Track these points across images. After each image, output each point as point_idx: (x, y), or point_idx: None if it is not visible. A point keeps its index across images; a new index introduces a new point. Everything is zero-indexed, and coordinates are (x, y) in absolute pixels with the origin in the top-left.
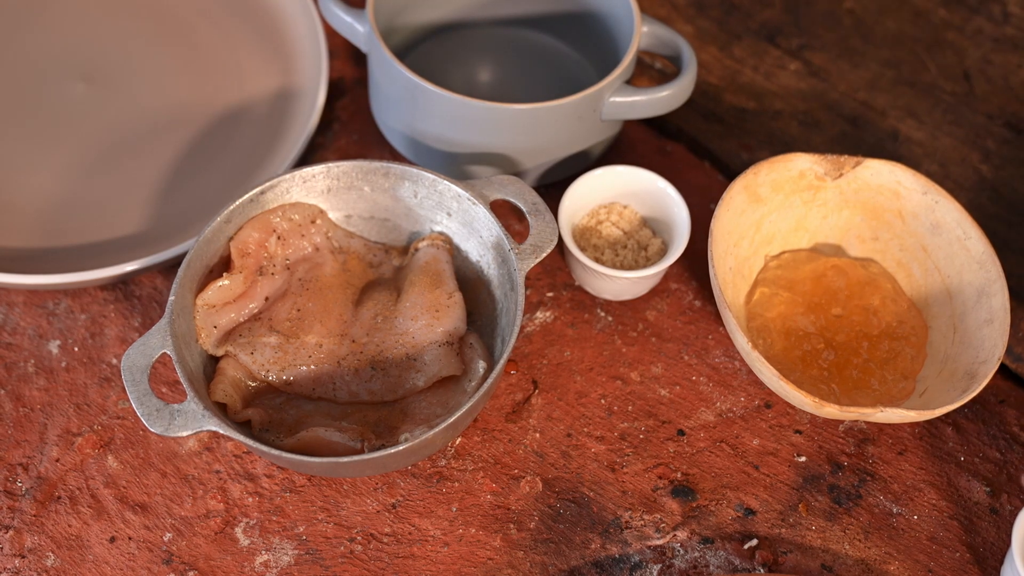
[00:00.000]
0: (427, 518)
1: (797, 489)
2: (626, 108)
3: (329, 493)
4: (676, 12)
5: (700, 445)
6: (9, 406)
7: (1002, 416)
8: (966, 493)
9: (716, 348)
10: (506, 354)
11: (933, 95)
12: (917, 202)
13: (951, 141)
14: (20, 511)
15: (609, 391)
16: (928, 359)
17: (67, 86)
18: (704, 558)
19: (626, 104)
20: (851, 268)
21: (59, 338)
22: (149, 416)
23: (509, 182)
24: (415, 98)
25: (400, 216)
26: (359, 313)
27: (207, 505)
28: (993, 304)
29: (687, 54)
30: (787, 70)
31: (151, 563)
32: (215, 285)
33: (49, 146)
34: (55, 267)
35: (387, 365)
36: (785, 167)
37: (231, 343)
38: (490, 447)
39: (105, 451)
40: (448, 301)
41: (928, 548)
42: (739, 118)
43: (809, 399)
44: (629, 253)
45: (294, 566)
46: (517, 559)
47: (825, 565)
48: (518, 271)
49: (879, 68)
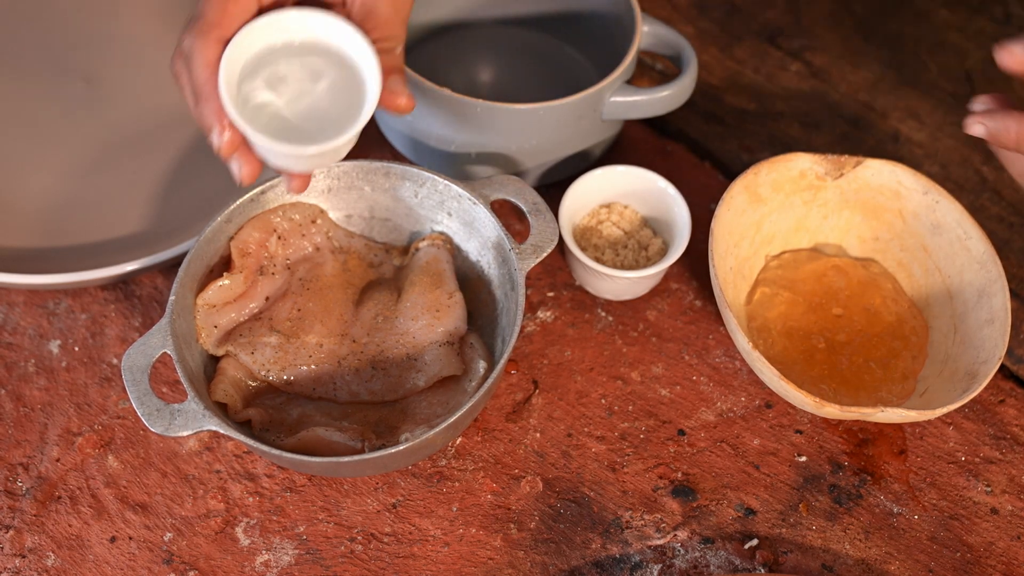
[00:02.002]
0: (427, 518)
1: (797, 489)
2: (627, 108)
3: (329, 493)
4: (677, 13)
5: (701, 445)
6: (9, 406)
7: (1002, 416)
8: (966, 493)
9: (717, 348)
10: (506, 354)
11: (934, 96)
12: (918, 202)
13: (952, 142)
14: (20, 511)
15: (610, 391)
16: (929, 359)
17: (67, 86)
18: (704, 558)
19: (627, 104)
20: (852, 268)
21: (59, 338)
22: (149, 416)
23: (509, 182)
24: (415, 98)
25: (401, 216)
26: (360, 313)
27: (207, 505)
28: (994, 304)
29: (688, 54)
30: (788, 71)
31: (151, 563)
32: (215, 285)
33: (49, 146)
34: (55, 267)
35: (387, 365)
36: (786, 167)
37: (231, 343)
38: (490, 447)
39: (105, 451)
40: (449, 301)
41: (928, 548)
42: (740, 119)
43: (809, 399)
44: (629, 253)
45: (294, 566)
46: (517, 559)
47: (825, 565)
48: (518, 271)
49: (880, 69)
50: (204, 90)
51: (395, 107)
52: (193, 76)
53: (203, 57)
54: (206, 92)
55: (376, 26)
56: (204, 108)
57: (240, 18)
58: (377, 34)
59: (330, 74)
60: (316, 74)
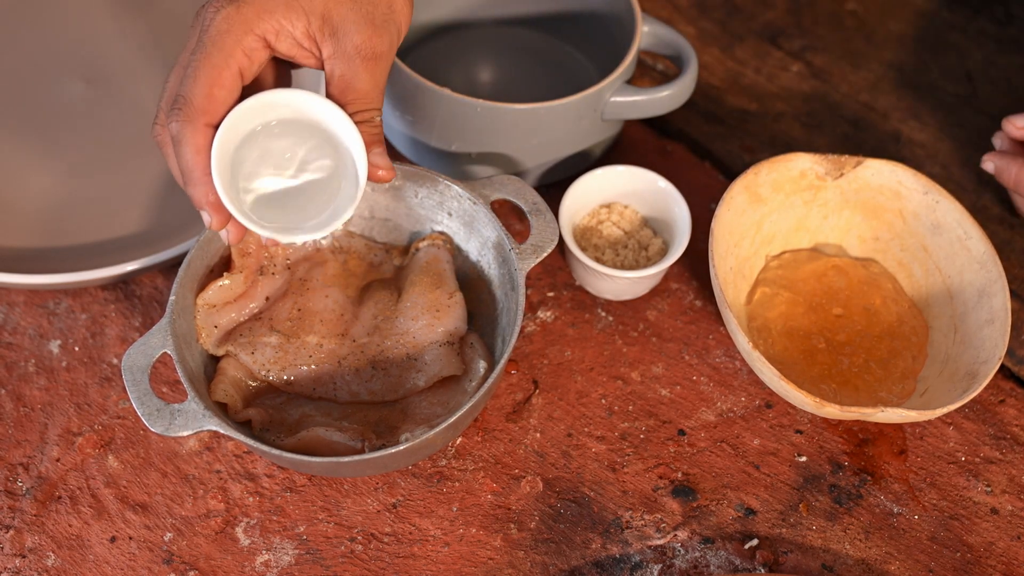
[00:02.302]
0: (427, 518)
1: (798, 489)
2: (627, 108)
3: (329, 493)
4: (678, 13)
5: (701, 445)
6: (10, 406)
7: (1002, 416)
8: (966, 493)
9: (717, 348)
10: (507, 354)
11: (935, 97)
12: (918, 202)
13: (954, 143)
14: (20, 511)
15: (610, 391)
16: (929, 359)
17: (67, 86)
18: (705, 558)
19: (627, 104)
20: (852, 268)
21: (60, 338)
22: (149, 416)
23: (509, 182)
24: (415, 98)
25: (401, 216)
26: (360, 313)
27: (207, 505)
28: (994, 304)
29: (688, 54)
30: (789, 72)
31: (151, 563)
32: (215, 285)
33: (49, 146)
34: (55, 267)
35: (388, 365)
36: (786, 167)
37: (232, 343)
38: (491, 447)
39: (105, 451)
40: (449, 301)
41: (928, 548)
42: (741, 120)
43: (810, 399)
44: (630, 253)
45: (294, 566)
46: (518, 559)
47: (826, 565)
48: (519, 271)
49: (881, 70)
50: (194, 175)
51: (375, 179)
52: (183, 161)
53: (193, 144)
54: (196, 177)
55: (356, 98)
56: (194, 190)
57: (226, 102)
58: (357, 106)
59: (317, 152)
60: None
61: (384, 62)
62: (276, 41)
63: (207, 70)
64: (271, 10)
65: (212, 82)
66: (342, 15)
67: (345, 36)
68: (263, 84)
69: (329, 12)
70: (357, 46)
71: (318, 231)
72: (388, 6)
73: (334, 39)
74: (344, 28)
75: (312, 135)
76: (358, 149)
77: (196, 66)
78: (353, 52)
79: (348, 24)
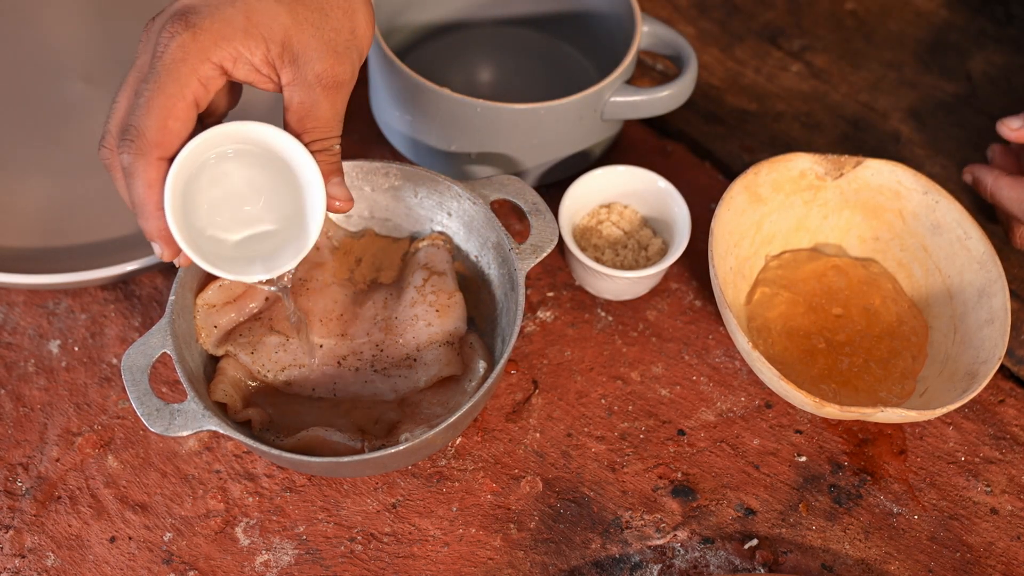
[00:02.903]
0: (427, 518)
1: (797, 489)
2: (627, 108)
3: (329, 493)
4: (678, 13)
5: (700, 445)
6: (9, 406)
7: (1002, 416)
8: (966, 493)
9: (716, 348)
10: (506, 354)
11: (936, 97)
12: (918, 202)
13: (954, 143)
14: (20, 511)
15: (609, 391)
16: (929, 359)
17: (67, 86)
18: (704, 558)
19: (627, 104)
20: (852, 268)
21: (59, 338)
22: (149, 416)
23: (509, 182)
24: (415, 98)
25: (400, 216)
26: (359, 313)
27: (207, 505)
28: (994, 304)
29: (688, 54)
30: (789, 72)
31: (151, 563)
32: (215, 285)
33: (49, 146)
34: (55, 267)
35: (387, 365)
36: (786, 167)
37: (231, 343)
38: (490, 447)
39: (105, 451)
40: (449, 301)
41: (928, 548)
42: (741, 120)
43: (809, 399)
44: (629, 253)
45: (294, 566)
46: (517, 559)
47: (825, 565)
48: (518, 271)
49: (881, 70)
50: (146, 209)
51: (333, 210)
52: (135, 195)
53: (145, 178)
54: (148, 211)
55: (316, 127)
56: (146, 224)
57: (181, 134)
58: (316, 135)
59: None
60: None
61: (345, 89)
62: (233, 68)
63: (161, 100)
64: (228, 37)
65: (167, 114)
66: (303, 42)
67: (306, 64)
68: (216, 105)
69: (289, 39)
70: (318, 74)
71: (272, 271)
72: (351, 32)
73: (294, 66)
74: (305, 56)
75: (269, 166)
76: (316, 181)
77: (149, 96)
78: (314, 80)
79: (310, 51)
